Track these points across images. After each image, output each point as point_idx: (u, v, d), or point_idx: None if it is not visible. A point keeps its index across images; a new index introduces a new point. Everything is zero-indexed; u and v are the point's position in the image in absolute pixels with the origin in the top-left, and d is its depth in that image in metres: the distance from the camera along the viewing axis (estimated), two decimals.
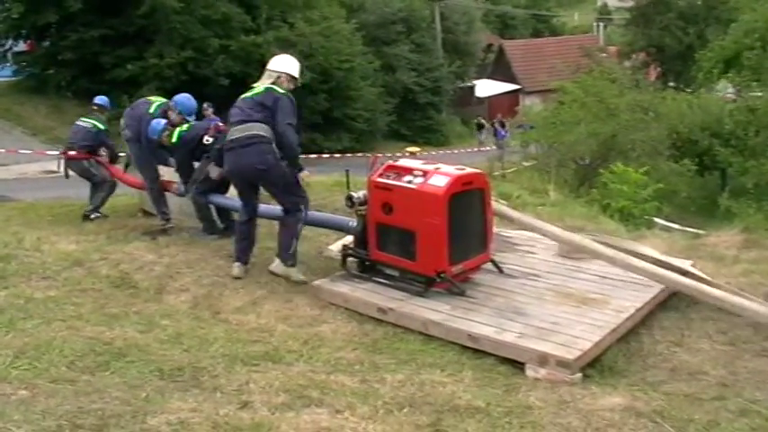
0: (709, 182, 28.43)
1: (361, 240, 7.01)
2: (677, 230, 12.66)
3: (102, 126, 10.68)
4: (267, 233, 8.23)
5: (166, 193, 9.48)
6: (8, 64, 29.34)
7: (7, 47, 28.90)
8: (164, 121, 9.10)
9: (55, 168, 12.10)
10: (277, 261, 7.27)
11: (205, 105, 16.04)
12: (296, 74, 7.36)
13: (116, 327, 5.58)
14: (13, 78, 29.63)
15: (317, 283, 6.89)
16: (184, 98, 9.55)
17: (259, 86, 7.21)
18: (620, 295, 6.38)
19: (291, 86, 7.29)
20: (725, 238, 8.73)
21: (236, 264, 7.39)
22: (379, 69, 37.20)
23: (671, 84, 45.16)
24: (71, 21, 27.03)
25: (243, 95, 7.33)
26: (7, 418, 3.59)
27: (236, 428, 3.79)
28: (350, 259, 7.15)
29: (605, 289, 6.56)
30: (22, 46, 29.64)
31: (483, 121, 42.48)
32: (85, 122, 10.76)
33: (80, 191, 10.97)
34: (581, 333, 5.61)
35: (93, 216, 10.14)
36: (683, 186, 23.76)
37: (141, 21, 27.32)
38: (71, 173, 10.70)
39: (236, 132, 7.09)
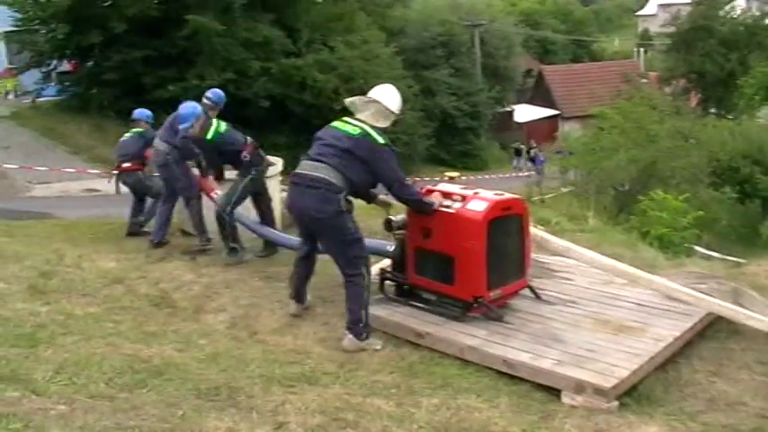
0: (751, 210, 28.06)
1: (399, 264, 6.99)
2: (717, 259, 12.52)
3: (141, 130, 10.87)
4: None
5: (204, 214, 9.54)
6: (52, 83, 29.86)
7: (52, 67, 29.40)
8: (199, 107, 9.08)
9: (97, 187, 12.24)
10: (349, 336, 6.23)
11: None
12: (398, 111, 6.56)
13: (154, 345, 5.63)
14: (57, 98, 30.16)
15: None
16: (217, 90, 9.65)
17: (355, 124, 6.31)
18: (658, 323, 6.29)
19: (387, 123, 6.43)
20: (766, 267, 8.61)
21: (292, 301, 6.98)
22: (418, 93, 37.29)
23: (712, 110, 44.98)
24: (115, 42, 27.46)
25: (333, 125, 6.48)
26: None
27: None
28: (387, 283, 7.11)
29: (643, 317, 6.47)
30: (66, 66, 30.16)
31: (522, 146, 42.45)
32: (129, 134, 10.94)
33: (121, 209, 11.09)
34: (618, 361, 5.55)
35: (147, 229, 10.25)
36: (723, 214, 23.51)
37: (183, 42, 27.70)
38: (123, 189, 10.83)
39: (304, 167, 6.32)
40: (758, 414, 5.24)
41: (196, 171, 9.42)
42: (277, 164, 10.55)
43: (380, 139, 6.19)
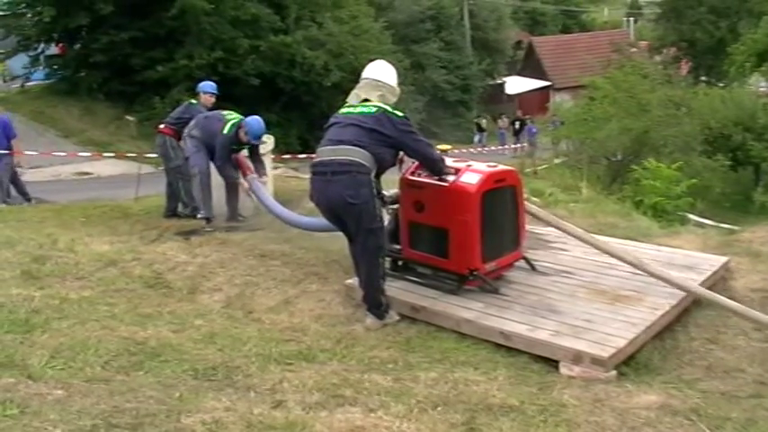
0: (743, 177, 28.12)
1: (392, 238, 6.97)
2: (711, 226, 12.52)
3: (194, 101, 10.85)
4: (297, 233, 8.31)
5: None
6: (40, 67, 29.66)
7: (39, 50, 29.19)
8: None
9: (88, 170, 12.12)
10: (370, 317, 6.23)
11: None
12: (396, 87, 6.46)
13: (150, 326, 5.61)
14: (46, 81, 30.00)
15: (349, 282, 6.80)
16: (255, 121, 9.56)
17: (367, 104, 6.18)
18: (654, 292, 6.30)
19: (394, 101, 6.32)
20: (760, 234, 8.60)
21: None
22: (408, 68, 37.08)
23: (702, 78, 44.91)
24: (102, 23, 27.22)
25: (343, 111, 6.29)
26: (43, 418, 3.60)
27: (269, 427, 3.78)
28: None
29: (639, 285, 6.47)
30: (53, 49, 29.96)
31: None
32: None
33: (113, 192, 11.04)
34: (615, 330, 5.55)
35: (199, 215, 9.98)
36: (716, 182, 23.48)
37: (171, 22, 27.45)
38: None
39: (325, 154, 6.08)
40: (756, 380, 5.25)
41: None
42: (268, 141, 10.52)
43: (398, 112, 6.11)
